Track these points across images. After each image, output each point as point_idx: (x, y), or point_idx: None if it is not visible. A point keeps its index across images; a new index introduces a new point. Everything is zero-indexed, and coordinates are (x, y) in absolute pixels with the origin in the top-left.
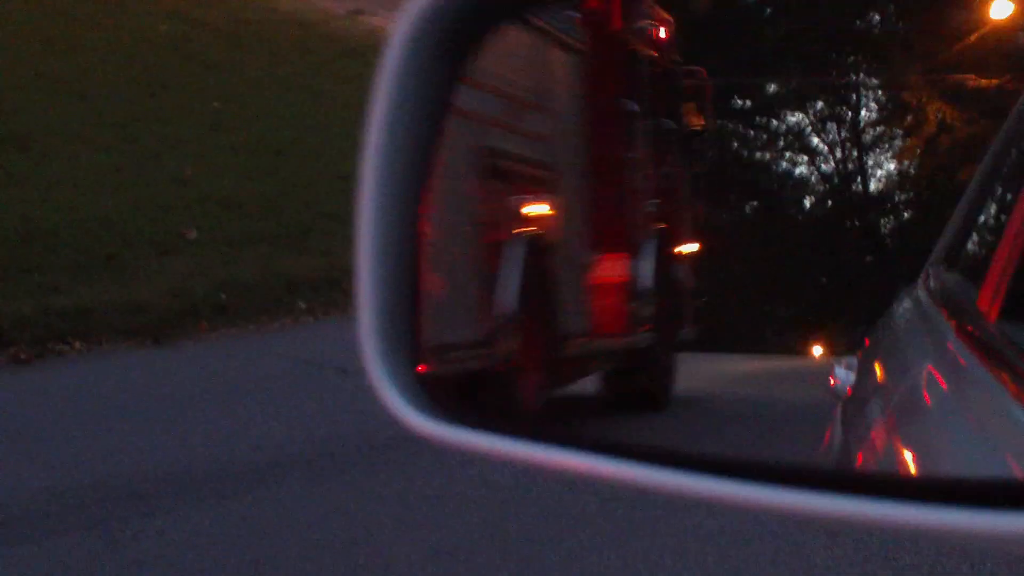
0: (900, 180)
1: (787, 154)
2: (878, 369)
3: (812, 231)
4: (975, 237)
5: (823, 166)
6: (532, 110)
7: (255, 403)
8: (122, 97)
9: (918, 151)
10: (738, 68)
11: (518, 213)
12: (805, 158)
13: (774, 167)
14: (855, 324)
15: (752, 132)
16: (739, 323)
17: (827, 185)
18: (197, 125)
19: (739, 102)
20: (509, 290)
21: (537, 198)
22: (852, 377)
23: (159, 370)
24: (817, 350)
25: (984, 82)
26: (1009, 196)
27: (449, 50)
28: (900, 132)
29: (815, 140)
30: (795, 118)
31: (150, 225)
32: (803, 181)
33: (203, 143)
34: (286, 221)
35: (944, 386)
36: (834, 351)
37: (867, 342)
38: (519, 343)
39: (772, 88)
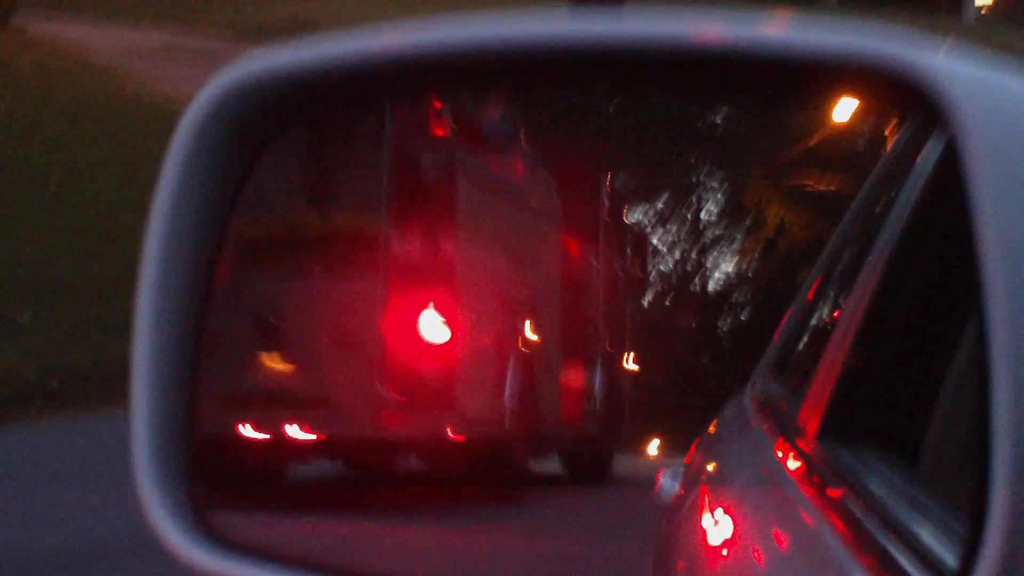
0: (738, 281)
1: (627, 251)
2: (702, 481)
3: (649, 329)
4: (802, 347)
5: (661, 266)
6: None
7: (82, 491)
8: None
9: (756, 253)
10: (581, 164)
11: (523, 333)
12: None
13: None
14: (689, 424)
15: None
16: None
17: (665, 284)
18: (35, 205)
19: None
20: (512, 390)
21: (532, 321)
22: (676, 486)
23: None
24: (653, 448)
25: (822, 186)
26: (839, 302)
27: (239, 142)
28: (739, 234)
29: (654, 240)
30: (635, 218)
31: None
32: (641, 279)
33: (39, 224)
34: (121, 307)
35: (762, 506)
36: (668, 450)
37: (693, 449)
38: (516, 425)
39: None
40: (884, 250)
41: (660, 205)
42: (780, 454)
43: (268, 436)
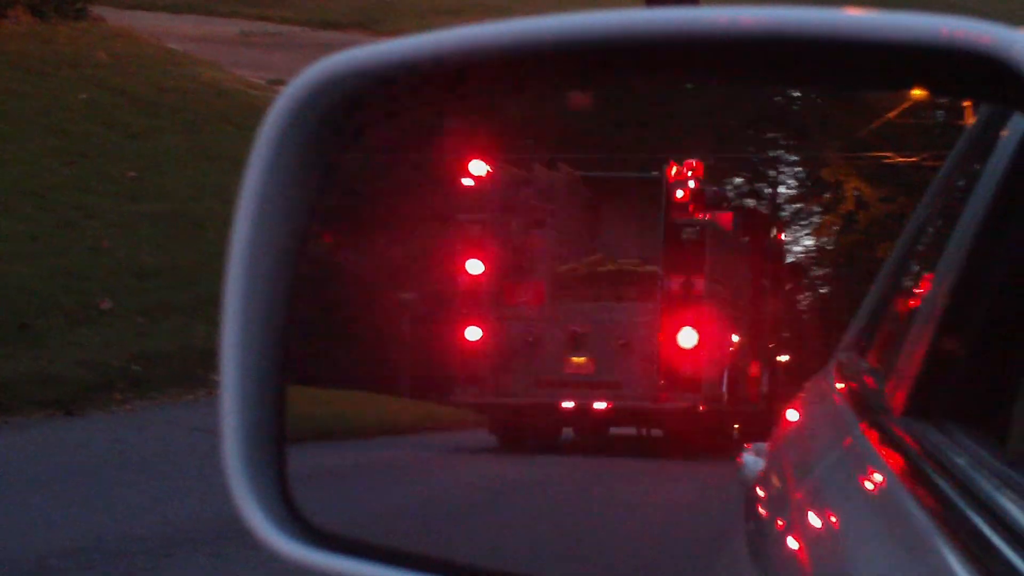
0: (818, 256)
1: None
2: (786, 460)
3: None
4: (886, 324)
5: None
6: (736, 290)
7: (166, 477)
8: (40, 165)
9: (836, 228)
10: (656, 143)
11: (732, 340)
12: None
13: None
14: (772, 401)
15: None
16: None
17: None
18: (115, 194)
19: (655, 175)
20: (728, 379)
21: (737, 331)
22: (761, 463)
23: (71, 442)
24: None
25: (901, 159)
26: (924, 277)
27: (325, 137)
28: (818, 208)
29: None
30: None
31: (65, 295)
32: None
33: (120, 212)
34: (202, 292)
35: (848, 484)
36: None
37: (777, 428)
38: (729, 403)
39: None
40: (970, 227)
41: (738, 180)
42: (866, 432)
43: (573, 405)
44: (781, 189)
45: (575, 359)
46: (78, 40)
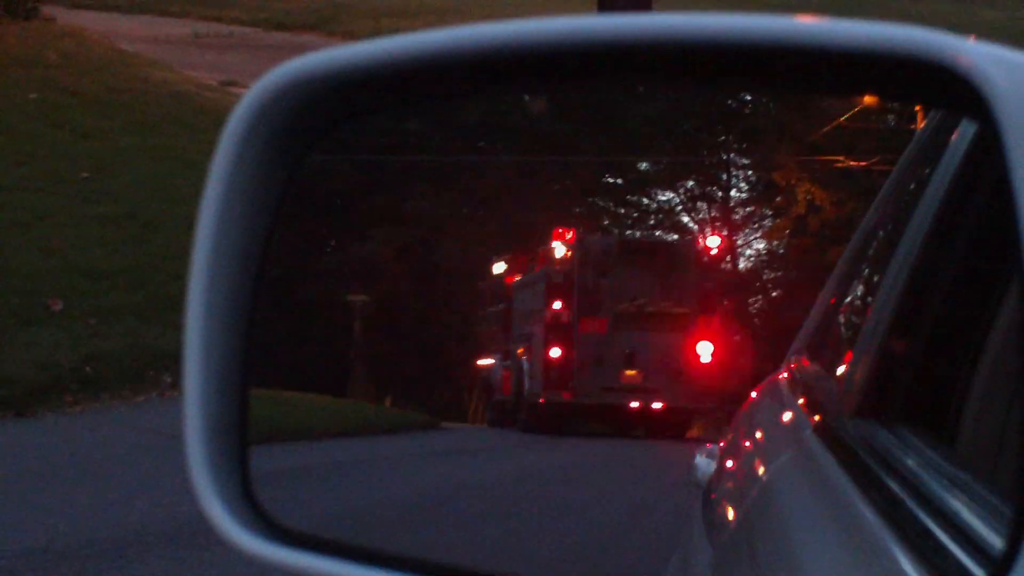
0: (769, 259)
1: (658, 232)
2: (738, 461)
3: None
4: (837, 327)
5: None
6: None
7: (119, 478)
8: None
9: (787, 231)
10: (609, 146)
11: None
12: (675, 236)
13: None
14: (722, 404)
15: (623, 209)
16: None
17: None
18: (66, 195)
19: (611, 180)
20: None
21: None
22: (712, 466)
23: (22, 443)
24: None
25: (853, 163)
26: (874, 281)
27: (287, 141)
28: (770, 212)
29: (685, 218)
30: (666, 196)
31: (16, 295)
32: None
33: (72, 213)
34: (153, 293)
35: (800, 486)
36: (703, 432)
37: (729, 430)
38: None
39: (644, 166)
40: (920, 230)
41: (691, 184)
42: (818, 434)
43: (638, 405)
44: (733, 192)
45: (628, 372)
46: (28, 40)
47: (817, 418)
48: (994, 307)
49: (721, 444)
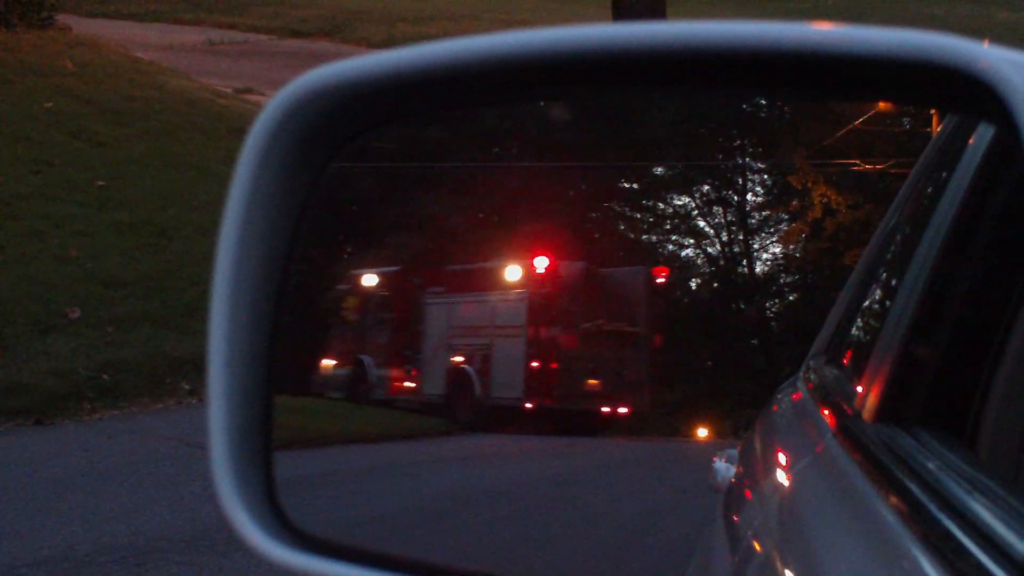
0: (786, 263)
1: (673, 236)
2: (758, 466)
3: (698, 313)
4: (855, 331)
5: (709, 248)
6: None
7: (137, 485)
8: (6, 174)
9: (803, 235)
10: (625, 151)
11: None
12: (691, 241)
13: (660, 249)
14: (740, 408)
15: (639, 215)
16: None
17: (713, 267)
18: (82, 203)
19: (626, 184)
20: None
21: None
22: (732, 470)
23: (40, 451)
24: (702, 432)
25: (869, 167)
26: (892, 285)
27: (308, 150)
28: (785, 216)
29: (701, 223)
30: (681, 201)
31: (33, 304)
32: (689, 263)
33: (88, 221)
34: (171, 301)
35: (821, 490)
36: (719, 435)
37: (748, 435)
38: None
39: (659, 171)
40: (938, 233)
41: (706, 188)
42: (838, 437)
43: (609, 410)
44: (748, 197)
45: (591, 381)
46: (44, 49)
47: (837, 422)
48: (1014, 310)
49: (739, 448)
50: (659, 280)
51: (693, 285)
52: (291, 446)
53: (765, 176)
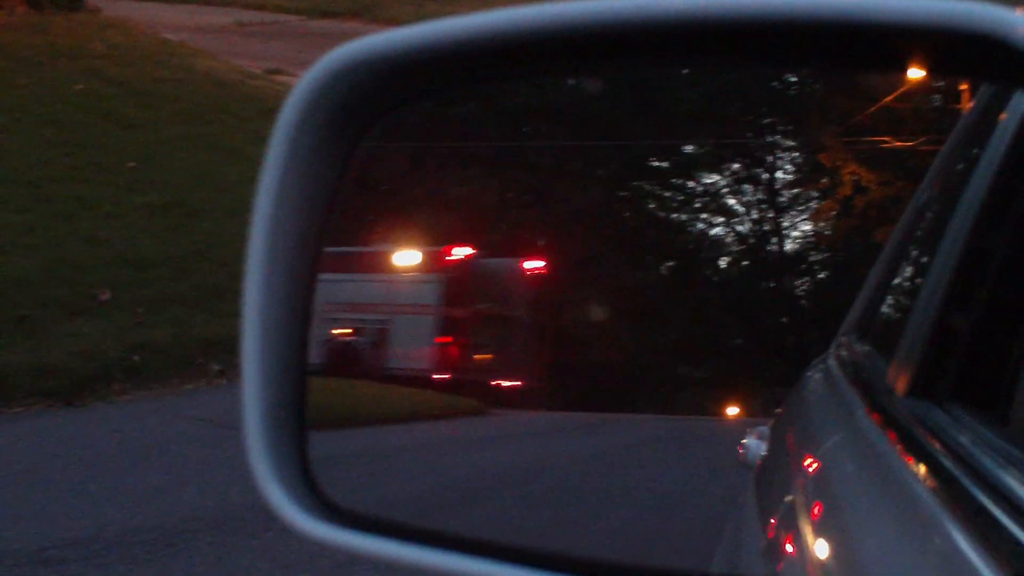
0: (816, 241)
1: (703, 215)
2: (789, 442)
3: (728, 291)
4: (886, 307)
5: (739, 227)
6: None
7: (167, 466)
8: (36, 156)
9: (833, 212)
10: (655, 129)
11: None
12: (721, 219)
13: (690, 228)
14: (771, 385)
15: (668, 193)
16: (654, 384)
17: (743, 245)
18: (112, 185)
19: (656, 163)
20: None
21: None
22: (763, 447)
23: (71, 433)
24: (732, 411)
25: (899, 143)
26: (924, 261)
27: (342, 126)
28: (815, 193)
29: (731, 201)
30: (711, 179)
31: (63, 286)
32: (719, 241)
33: (118, 203)
34: (200, 282)
35: (853, 466)
36: (749, 412)
37: (779, 412)
38: None
39: (689, 149)
40: (971, 208)
41: (736, 166)
42: (870, 413)
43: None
44: (779, 175)
45: (481, 356)
46: (74, 31)
47: (869, 398)
48: None
49: (771, 425)
50: (533, 270)
51: (723, 264)
52: (323, 426)
53: (795, 154)
